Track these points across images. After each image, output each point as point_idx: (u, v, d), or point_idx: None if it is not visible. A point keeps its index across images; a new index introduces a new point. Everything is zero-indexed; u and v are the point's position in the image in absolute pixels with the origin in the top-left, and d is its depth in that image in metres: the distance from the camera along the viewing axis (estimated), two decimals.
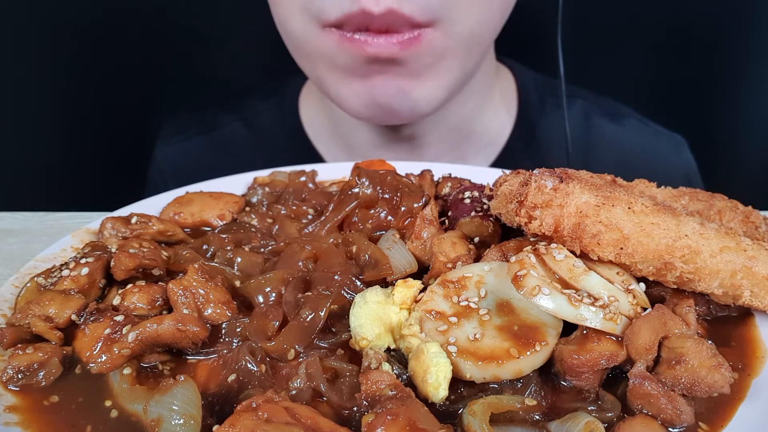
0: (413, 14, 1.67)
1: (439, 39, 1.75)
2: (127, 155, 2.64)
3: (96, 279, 1.25)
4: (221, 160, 2.40)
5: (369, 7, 1.64)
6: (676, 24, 2.77)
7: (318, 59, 1.86)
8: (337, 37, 1.75)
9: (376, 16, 1.65)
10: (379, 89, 1.82)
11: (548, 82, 2.38)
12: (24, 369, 1.06)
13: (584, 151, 2.35)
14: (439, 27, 1.73)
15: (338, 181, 1.72)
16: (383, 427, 0.87)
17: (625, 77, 2.79)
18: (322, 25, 1.76)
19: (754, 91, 2.86)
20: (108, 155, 2.68)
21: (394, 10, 1.65)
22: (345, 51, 1.75)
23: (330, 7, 1.69)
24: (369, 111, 1.89)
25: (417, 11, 1.67)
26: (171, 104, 2.57)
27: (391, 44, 1.71)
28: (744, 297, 1.13)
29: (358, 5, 1.65)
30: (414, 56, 1.75)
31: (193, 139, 2.47)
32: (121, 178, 2.63)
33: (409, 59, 1.76)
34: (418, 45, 1.73)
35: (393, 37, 1.71)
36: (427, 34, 1.73)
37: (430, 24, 1.72)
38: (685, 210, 1.33)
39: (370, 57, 1.74)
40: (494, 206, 1.28)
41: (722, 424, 0.99)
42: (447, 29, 1.75)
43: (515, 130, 2.33)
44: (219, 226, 1.51)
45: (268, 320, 1.14)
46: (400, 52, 1.73)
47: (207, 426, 0.95)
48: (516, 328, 1.06)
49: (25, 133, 2.64)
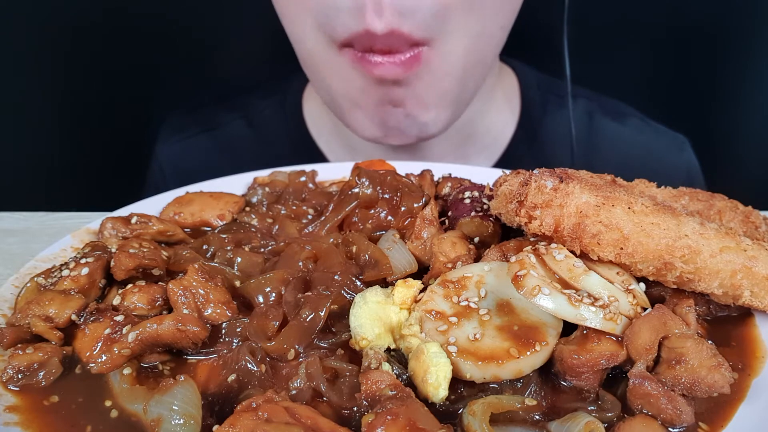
0: (412, 32, 1.76)
1: (436, 57, 1.85)
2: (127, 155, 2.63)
3: (96, 279, 1.25)
4: (222, 158, 2.42)
5: (372, 27, 1.73)
6: (677, 23, 2.77)
7: (333, 79, 1.96)
8: (351, 56, 1.84)
9: (379, 36, 1.75)
10: (390, 116, 1.95)
11: (550, 81, 2.39)
12: (24, 369, 1.06)
13: (587, 150, 2.36)
14: (434, 45, 1.83)
15: (338, 181, 1.73)
16: (383, 427, 0.87)
17: (627, 77, 2.79)
18: (337, 45, 1.85)
19: (755, 91, 2.86)
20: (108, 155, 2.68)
21: (395, 29, 1.75)
22: (357, 70, 1.86)
23: (338, 27, 1.79)
24: (380, 132, 2.02)
25: (415, 28, 1.76)
26: (171, 103, 2.57)
27: (395, 66, 1.81)
28: (744, 297, 1.13)
29: (363, 25, 1.74)
30: (416, 77, 1.86)
31: (194, 137, 2.48)
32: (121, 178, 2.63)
33: (412, 80, 1.86)
34: (419, 65, 1.83)
35: (395, 57, 1.81)
36: (424, 52, 1.82)
37: (426, 42, 1.81)
38: (685, 210, 1.33)
39: (376, 79, 1.84)
40: (494, 206, 1.28)
41: (722, 424, 0.99)
42: (441, 47, 1.84)
43: (518, 130, 2.34)
44: (219, 226, 1.51)
45: (268, 320, 1.14)
46: (403, 74, 1.83)
47: (207, 426, 0.95)
48: (516, 328, 1.06)
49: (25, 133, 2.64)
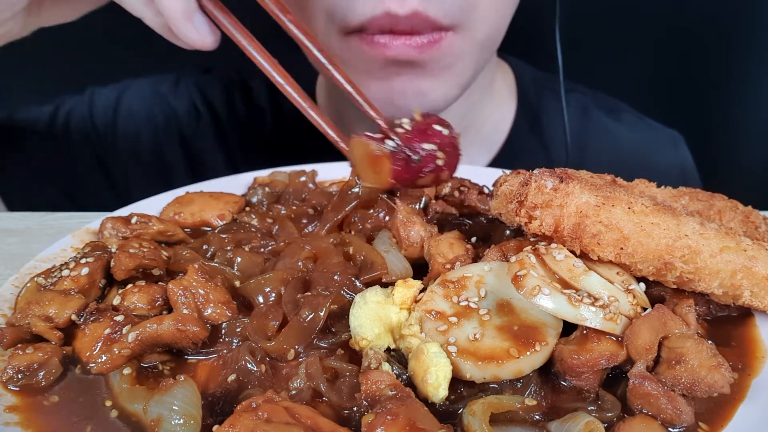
0: (438, 17, 1.71)
1: (458, 43, 1.80)
2: None
3: (96, 279, 1.25)
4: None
5: (394, 9, 1.67)
6: (674, 21, 2.77)
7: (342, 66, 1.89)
8: (358, 42, 1.78)
9: (401, 18, 1.69)
10: (398, 92, 1.86)
11: (546, 76, 2.40)
12: (24, 369, 1.06)
13: (582, 145, 2.36)
14: (459, 31, 1.78)
15: (338, 181, 1.73)
16: (383, 427, 0.87)
17: (623, 75, 2.80)
18: (343, 33, 1.79)
19: (754, 90, 2.86)
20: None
21: (419, 12, 1.68)
22: (365, 54, 1.79)
23: (356, 12, 1.72)
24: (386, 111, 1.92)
25: (441, 14, 1.71)
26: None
27: (411, 48, 1.75)
28: (744, 297, 1.13)
29: (383, 8, 1.68)
30: (433, 59, 1.79)
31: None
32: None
33: (428, 62, 1.80)
34: (438, 48, 1.77)
35: (413, 39, 1.74)
36: (447, 37, 1.77)
37: (451, 28, 1.76)
38: (685, 210, 1.33)
39: (389, 59, 1.77)
40: (494, 206, 1.28)
41: (722, 424, 0.99)
42: (466, 34, 1.79)
43: (515, 124, 2.35)
44: (219, 226, 1.51)
45: (268, 320, 1.14)
46: (418, 56, 1.76)
47: (207, 426, 0.95)
48: (516, 328, 1.06)
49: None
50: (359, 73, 1.84)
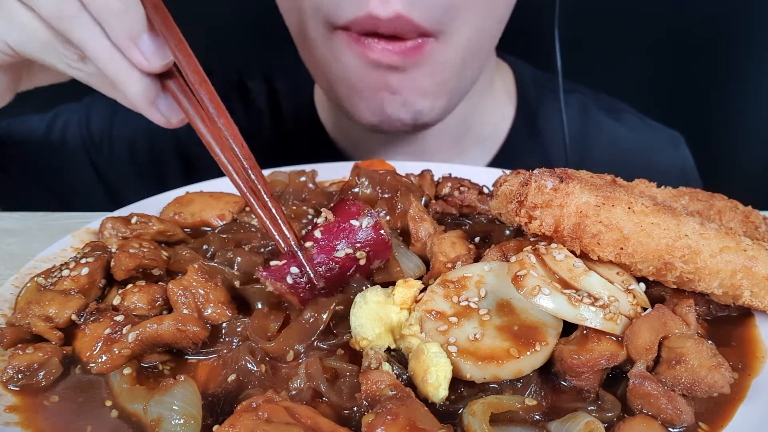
0: (421, 21, 1.70)
1: (441, 50, 1.79)
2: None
3: (96, 279, 1.25)
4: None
5: (377, 12, 1.67)
6: (674, 21, 2.77)
7: (330, 64, 1.90)
8: (344, 39, 1.78)
9: (383, 20, 1.68)
10: (388, 103, 1.88)
11: (545, 76, 2.40)
12: (24, 369, 1.06)
13: (582, 145, 2.37)
14: (441, 38, 1.77)
15: (338, 181, 1.72)
16: (383, 427, 0.87)
17: (623, 75, 2.80)
18: (332, 28, 1.79)
19: (754, 90, 2.86)
20: None
21: (402, 15, 1.67)
22: (352, 51, 1.79)
23: (340, 11, 1.72)
24: (377, 119, 1.95)
25: (425, 19, 1.70)
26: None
27: (393, 53, 1.75)
28: (744, 297, 1.13)
29: (366, 10, 1.67)
30: (415, 65, 1.79)
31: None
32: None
33: (410, 67, 1.80)
34: (420, 55, 1.77)
35: (396, 44, 1.74)
36: (429, 43, 1.77)
37: (434, 34, 1.75)
38: (685, 210, 1.33)
39: (372, 62, 1.77)
40: (494, 206, 1.28)
41: (722, 424, 0.99)
42: (449, 41, 1.79)
43: (515, 125, 2.35)
44: (219, 226, 1.51)
45: (268, 321, 1.14)
46: (400, 61, 1.77)
47: (207, 426, 0.95)
48: (516, 328, 1.06)
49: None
50: (352, 73, 1.86)
